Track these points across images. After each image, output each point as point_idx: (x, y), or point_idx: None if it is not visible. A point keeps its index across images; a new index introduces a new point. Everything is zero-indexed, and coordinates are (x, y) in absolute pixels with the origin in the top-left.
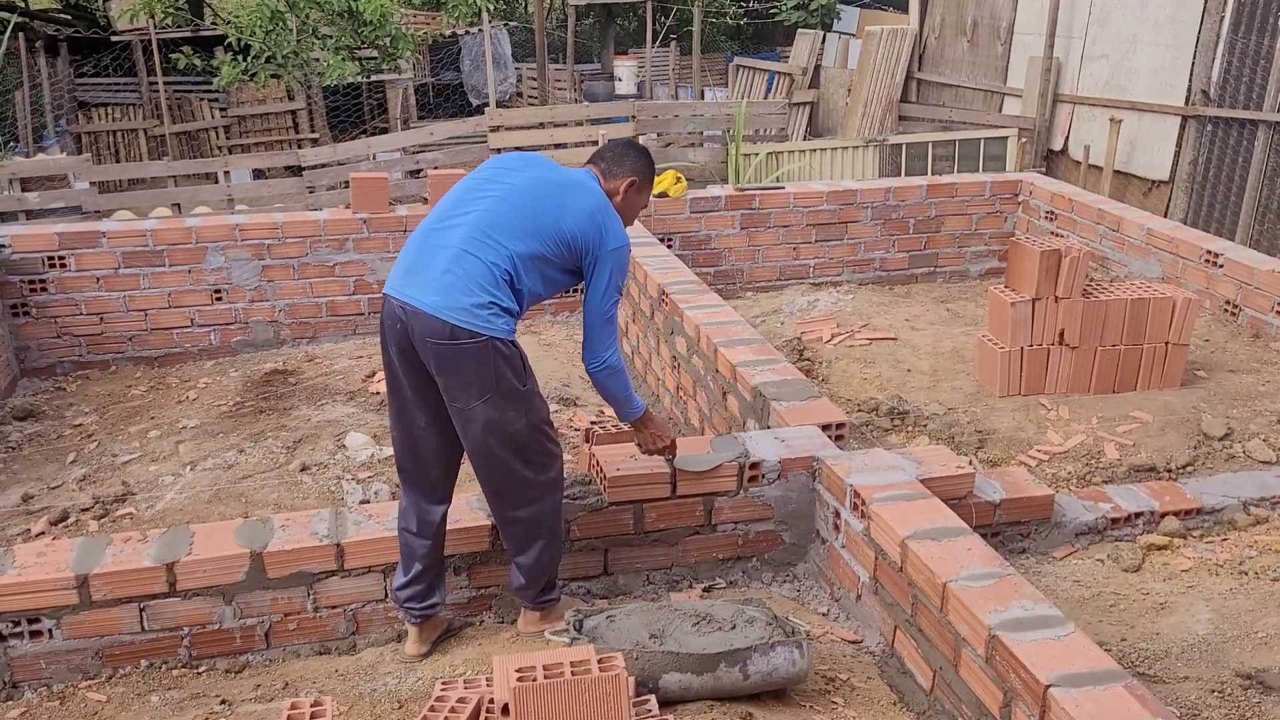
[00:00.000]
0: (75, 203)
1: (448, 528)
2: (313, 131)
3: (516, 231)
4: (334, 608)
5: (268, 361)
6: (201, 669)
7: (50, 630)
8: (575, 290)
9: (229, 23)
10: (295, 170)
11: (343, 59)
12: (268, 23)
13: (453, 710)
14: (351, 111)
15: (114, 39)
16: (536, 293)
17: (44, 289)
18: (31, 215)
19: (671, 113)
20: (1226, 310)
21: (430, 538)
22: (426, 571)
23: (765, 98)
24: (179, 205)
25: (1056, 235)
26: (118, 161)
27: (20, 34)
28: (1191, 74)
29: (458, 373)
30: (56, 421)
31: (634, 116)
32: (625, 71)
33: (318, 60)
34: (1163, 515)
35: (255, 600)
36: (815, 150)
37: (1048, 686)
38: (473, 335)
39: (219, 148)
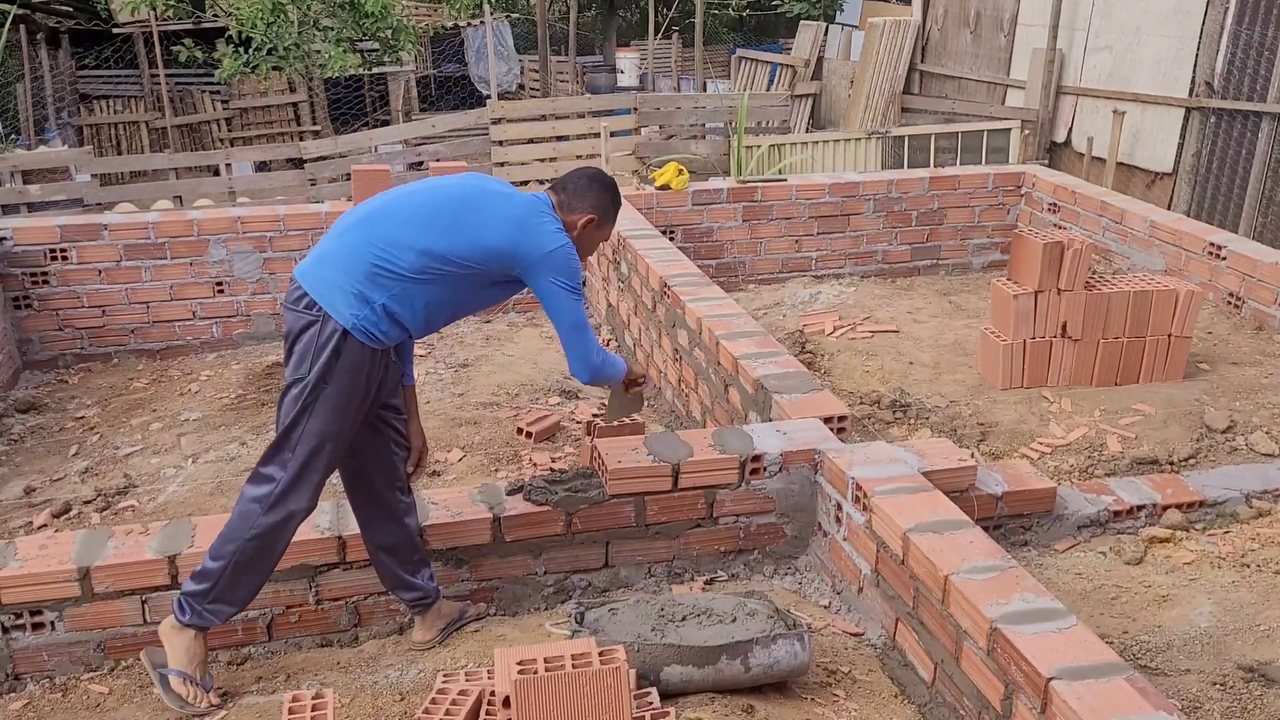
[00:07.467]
0: (77, 195)
1: (451, 521)
2: (314, 124)
3: (413, 222)
4: (336, 600)
5: (270, 354)
6: None
7: (52, 623)
8: None
9: (230, 15)
10: (297, 163)
11: (344, 51)
12: (269, 15)
13: (454, 702)
14: (353, 104)
15: (115, 31)
16: (443, 298)
17: (46, 282)
18: (33, 208)
19: (673, 105)
20: (1229, 303)
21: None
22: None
23: (768, 90)
24: (180, 198)
25: (1059, 227)
26: (119, 154)
27: (21, 26)
28: (1195, 66)
29: (290, 337)
30: (58, 414)
31: (636, 109)
32: (627, 63)
33: (319, 52)
34: (1165, 508)
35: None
36: (818, 142)
37: (1049, 679)
38: (314, 307)
39: (220, 140)
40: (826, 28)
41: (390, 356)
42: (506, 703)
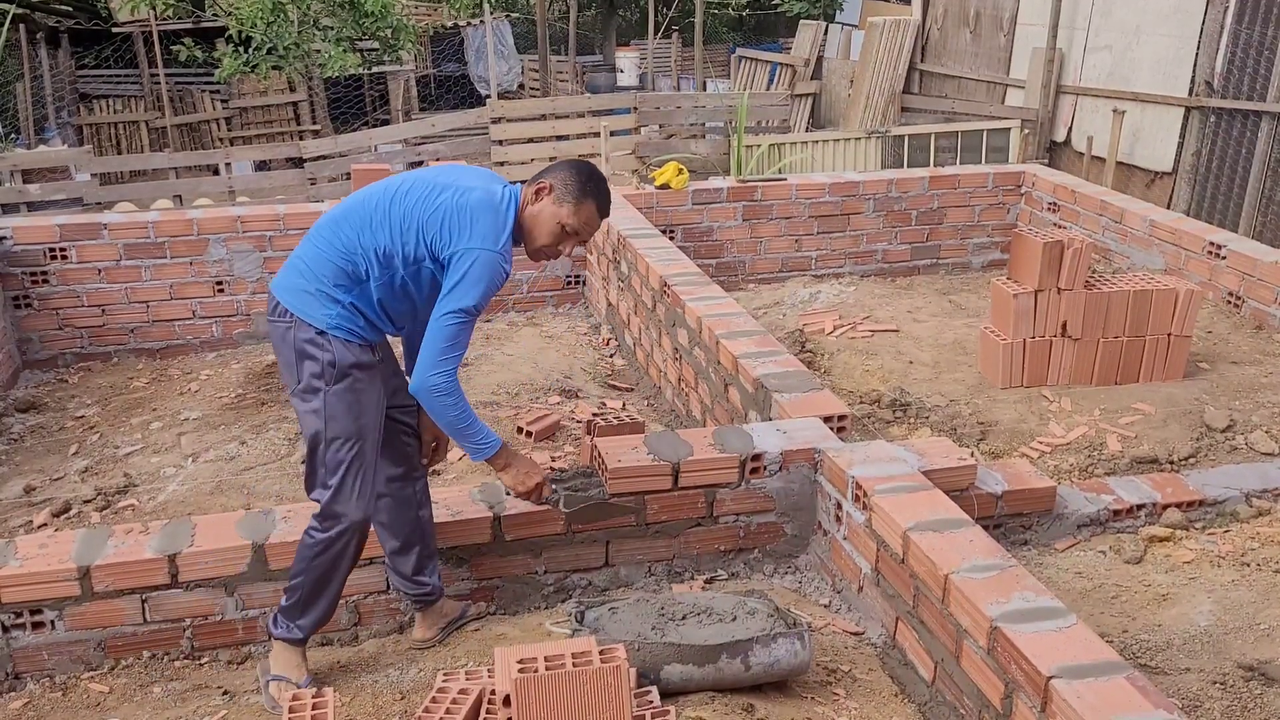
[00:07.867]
0: (76, 195)
1: (451, 520)
2: (314, 123)
3: (368, 221)
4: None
5: (269, 354)
6: (204, 660)
7: (52, 622)
8: (569, 284)
9: (230, 14)
10: (296, 162)
11: (344, 50)
12: (269, 14)
13: (454, 701)
14: (353, 103)
15: (115, 30)
16: (401, 295)
17: (45, 281)
18: (33, 207)
19: (673, 104)
20: (1229, 302)
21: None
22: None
23: (767, 89)
24: (180, 197)
25: (1059, 227)
26: (119, 153)
27: (21, 25)
28: (1195, 65)
29: (276, 350)
30: (58, 413)
31: (636, 108)
32: (627, 63)
33: (319, 52)
34: (1165, 507)
35: (257, 591)
36: (817, 142)
37: (1049, 678)
38: (287, 314)
39: (220, 140)
40: (826, 27)
41: (380, 352)
42: (507, 701)
